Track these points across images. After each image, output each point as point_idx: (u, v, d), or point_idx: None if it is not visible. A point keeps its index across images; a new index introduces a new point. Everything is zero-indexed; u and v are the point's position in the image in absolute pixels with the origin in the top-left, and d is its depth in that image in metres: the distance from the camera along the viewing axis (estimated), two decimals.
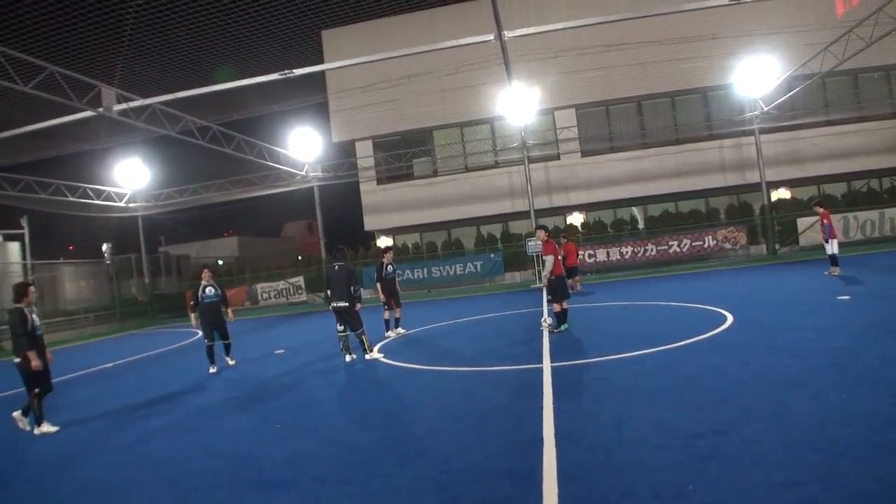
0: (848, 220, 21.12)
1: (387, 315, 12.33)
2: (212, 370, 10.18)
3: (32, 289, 7.33)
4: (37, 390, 7.01)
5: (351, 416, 6.42)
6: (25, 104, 20.02)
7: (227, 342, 10.78)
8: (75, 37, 19.53)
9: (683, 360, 7.01)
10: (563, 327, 10.06)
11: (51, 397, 7.40)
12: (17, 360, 6.99)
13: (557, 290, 10.08)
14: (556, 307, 10.11)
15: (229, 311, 10.91)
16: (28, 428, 7.11)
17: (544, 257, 10.07)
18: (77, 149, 29.37)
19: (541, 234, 10.48)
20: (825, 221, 14.52)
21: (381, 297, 12.11)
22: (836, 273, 14.15)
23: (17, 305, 7.05)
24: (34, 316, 7.16)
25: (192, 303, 10.51)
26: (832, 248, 14.46)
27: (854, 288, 11.22)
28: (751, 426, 4.46)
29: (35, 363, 6.87)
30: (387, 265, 12.21)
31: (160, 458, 5.57)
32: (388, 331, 12.27)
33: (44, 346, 7.20)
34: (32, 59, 13.19)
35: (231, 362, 10.77)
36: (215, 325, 10.46)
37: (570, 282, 11.46)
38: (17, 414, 7.22)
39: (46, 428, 7.03)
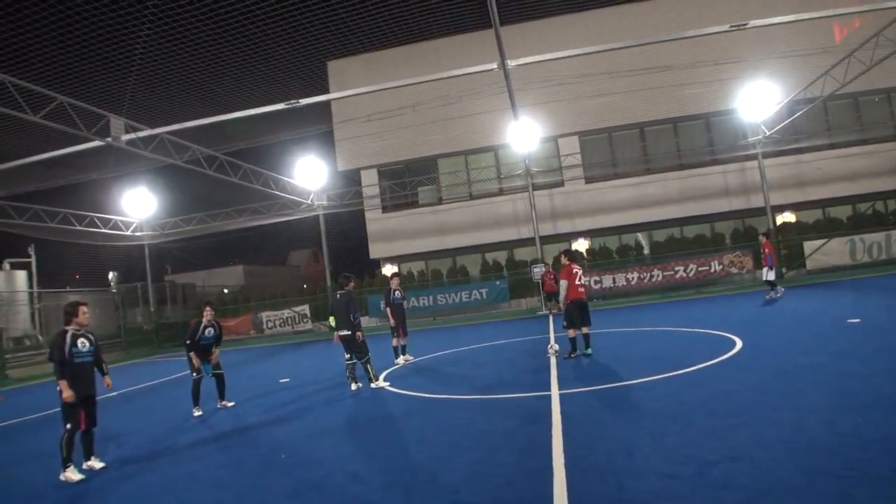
0: (854, 243, 21.04)
1: (395, 342, 12.29)
2: (196, 413, 8.99)
3: (84, 308, 6.57)
4: (68, 426, 6.19)
5: (357, 445, 6.33)
6: (34, 134, 20.27)
7: (219, 372, 9.50)
8: (85, 67, 19.85)
9: (693, 386, 6.92)
10: (588, 350, 9.95)
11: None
12: (58, 389, 6.23)
13: (570, 316, 10.00)
14: (571, 333, 10.02)
15: (216, 351, 9.50)
16: (98, 466, 6.45)
17: (561, 281, 10.08)
18: (85, 178, 29.64)
19: (563, 258, 10.51)
20: (766, 251, 15.91)
21: (391, 321, 12.10)
22: (771, 296, 15.72)
23: (64, 328, 6.38)
24: (80, 340, 6.41)
25: (188, 342, 9.15)
26: (768, 275, 15.89)
27: (852, 312, 11.10)
28: (765, 453, 4.37)
29: (67, 394, 6.11)
30: (394, 290, 12.24)
31: (162, 490, 5.49)
32: (396, 358, 12.22)
33: (88, 376, 6.47)
34: (42, 90, 13.37)
35: (229, 404, 9.49)
36: (206, 360, 9.33)
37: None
38: (90, 462, 6.49)
39: (70, 474, 6.10)
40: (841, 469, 3.87)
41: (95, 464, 6.49)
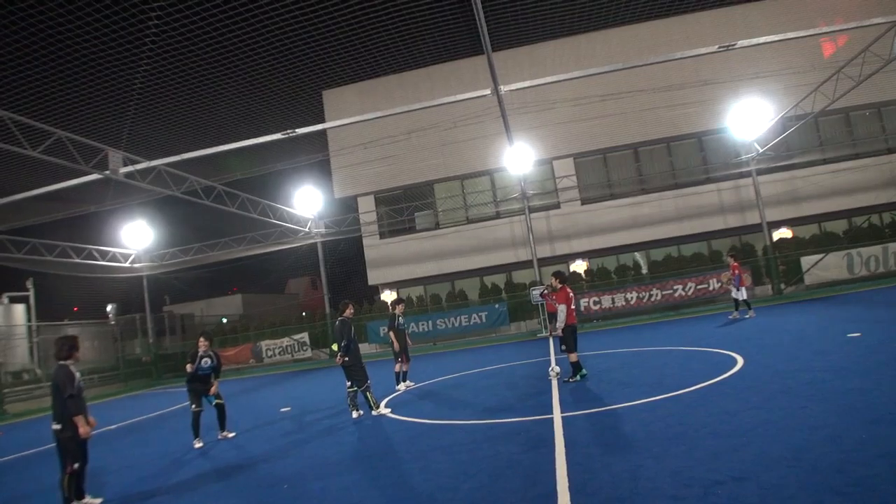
0: (852, 257, 21.09)
1: (398, 367, 12.26)
2: (197, 445, 8.96)
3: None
4: (76, 465, 6.06)
5: (359, 475, 6.28)
6: (33, 168, 20.42)
7: (220, 402, 9.47)
8: (83, 102, 20.07)
9: (696, 405, 6.90)
10: (581, 375, 9.86)
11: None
12: (58, 426, 6.01)
13: (570, 340, 9.97)
14: (573, 357, 9.97)
15: (215, 382, 9.48)
16: (96, 502, 6.30)
17: (558, 305, 9.97)
18: (83, 211, 29.78)
19: (553, 280, 10.29)
20: (735, 272, 16.43)
21: (395, 345, 12.06)
22: (751, 315, 16.14)
23: (64, 362, 6.21)
24: (78, 374, 6.28)
25: (189, 370, 9.20)
26: (741, 294, 16.38)
27: (852, 326, 11.10)
28: (770, 472, 4.36)
29: (84, 429, 6.00)
30: (399, 316, 12.26)
31: None
32: (398, 384, 12.17)
33: (87, 411, 6.29)
34: (41, 125, 13.51)
35: (230, 435, 9.47)
36: (206, 391, 9.35)
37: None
38: (87, 500, 6.25)
39: None
40: (846, 486, 3.86)
41: (93, 500, 6.34)
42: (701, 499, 4.06)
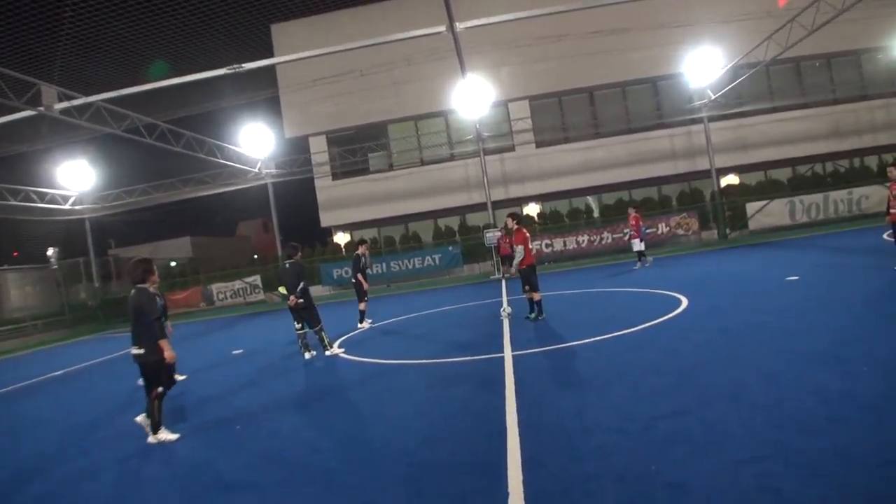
0: (794, 204, 21.81)
1: (363, 306, 12.42)
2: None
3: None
4: (160, 389, 5.95)
5: (313, 415, 6.31)
6: None
7: None
8: (10, 32, 18.72)
9: (641, 344, 7.11)
10: (542, 317, 9.99)
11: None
12: (139, 351, 5.85)
13: (531, 280, 10.04)
14: (536, 296, 10.04)
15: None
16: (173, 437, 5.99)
17: (516, 246, 10.00)
18: (17, 150, 28.26)
19: (508, 221, 10.26)
20: (632, 223, 17.17)
21: (365, 285, 12.31)
22: (648, 264, 17.10)
23: (142, 286, 5.98)
24: (157, 298, 6.19)
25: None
26: (638, 246, 17.14)
27: (798, 269, 11.56)
28: (710, 407, 4.53)
29: (169, 353, 5.80)
30: (363, 256, 12.43)
31: (109, 467, 5.36)
32: (361, 322, 12.37)
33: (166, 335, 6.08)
34: None
35: (180, 378, 8.88)
36: None
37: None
38: (141, 418, 6.06)
39: (164, 435, 5.91)
40: (782, 420, 4.03)
41: (170, 436, 5.97)
42: (643, 432, 4.21)
